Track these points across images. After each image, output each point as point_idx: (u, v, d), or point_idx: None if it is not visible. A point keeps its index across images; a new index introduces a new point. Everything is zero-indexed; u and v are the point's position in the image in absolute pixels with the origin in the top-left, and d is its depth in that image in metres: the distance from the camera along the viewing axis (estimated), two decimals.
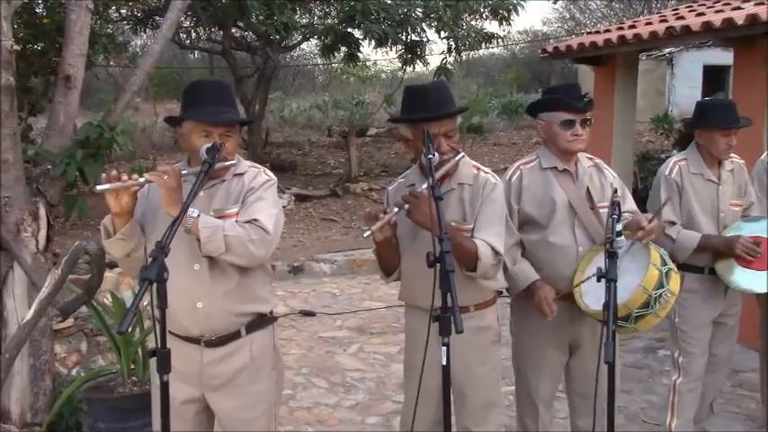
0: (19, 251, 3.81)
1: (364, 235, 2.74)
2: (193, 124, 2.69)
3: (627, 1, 28.19)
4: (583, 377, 3.31)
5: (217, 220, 2.60)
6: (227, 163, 2.70)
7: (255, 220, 2.63)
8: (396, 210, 2.75)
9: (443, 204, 2.58)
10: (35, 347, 3.93)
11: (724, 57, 21.51)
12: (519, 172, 3.33)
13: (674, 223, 3.76)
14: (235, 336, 2.75)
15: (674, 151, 8.89)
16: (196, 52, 20.54)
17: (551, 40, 30.58)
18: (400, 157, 16.56)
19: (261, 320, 2.82)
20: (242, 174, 2.79)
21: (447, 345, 2.51)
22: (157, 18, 13.02)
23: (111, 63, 14.77)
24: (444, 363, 2.50)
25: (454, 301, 2.35)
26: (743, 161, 3.93)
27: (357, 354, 6.02)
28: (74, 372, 4.75)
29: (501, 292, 3.21)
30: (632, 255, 3.09)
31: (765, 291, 3.65)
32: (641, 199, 3.82)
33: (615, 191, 2.96)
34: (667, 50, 19.19)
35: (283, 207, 11.78)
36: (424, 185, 2.74)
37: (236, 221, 2.64)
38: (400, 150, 17.13)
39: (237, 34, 15.21)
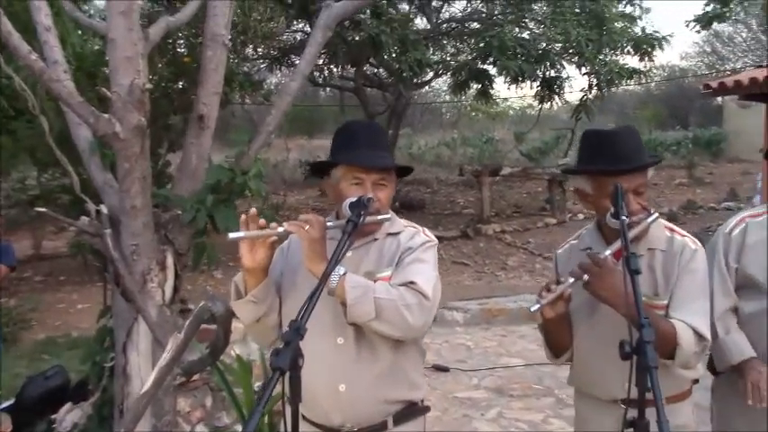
0: (144, 303, 3.56)
1: (532, 310, 2.27)
2: (344, 170, 2.31)
3: None
4: None
5: (367, 281, 2.19)
6: (379, 217, 2.29)
7: (412, 282, 2.20)
8: (571, 281, 2.25)
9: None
10: (157, 407, 3.67)
11: None
12: (744, 225, 2.74)
13: None
14: (380, 428, 2.32)
15: None
16: (327, 89, 20.77)
17: (690, 76, 29.19)
18: (532, 197, 15.98)
19: (411, 410, 2.39)
20: (397, 233, 2.38)
21: None
22: (293, 57, 13.12)
23: (247, 101, 15.08)
24: None
25: (660, 409, 1.82)
26: None
27: (497, 420, 5.46)
28: (198, 428, 4.49)
29: (697, 381, 2.63)
30: None
31: None
32: None
33: None
34: None
35: None
36: (608, 251, 2.25)
37: (390, 284, 2.22)
38: (532, 191, 16.52)
39: (369, 71, 15.16)
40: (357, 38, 12.00)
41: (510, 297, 8.96)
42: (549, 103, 13.49)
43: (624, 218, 2.15)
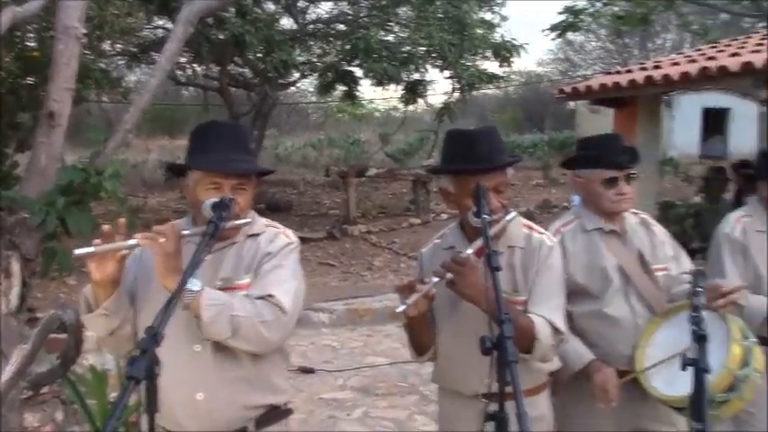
0: None
1: (398, 310, 2.27)
2: (201, 174, 2.21)
3: (623, 42, 28.17)
4: None
5: (223, 296, 2.11)
6: (238, 222, 2.22)
7: (270, 296, 2.15)
8: (435, 280, 2.27)
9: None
10: (2, 424, 3.41)
11: (724, 100, 21.49)
12: (560, 236, 2.87)
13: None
14: None
15: (696, 198, 8.50)
16: (190, 88, 20.19)
17: (546, 82, 30.59)
18: (398, 198, 16.19)
19: (273, 414, 2.33)
20: (257, 235, 2.32)
21: None
22: (153, 53, 12.65)
23: (105, 99, 14.40)
24: None
25: (520, 402, 1.88)
26: None
27: (363, 420, 5.47)
28: None
29: (552, 374, 2.73)
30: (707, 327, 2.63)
31: None
32: None
33: (698, 251, 2.51)
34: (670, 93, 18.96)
35: None
36: (469, 249, 2.29)
37: (247, 296, 2.16)
38: (397, 192, 16.75)
39: (234, 71, 14.87)
40: (221, 36, 11.72)
41: (376, 297, 9.02)
42: (414, 105, 13.74)
43: (485, 216, 2.19)
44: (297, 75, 14.13)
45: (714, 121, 22.21)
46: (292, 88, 20.62)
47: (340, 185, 14.67)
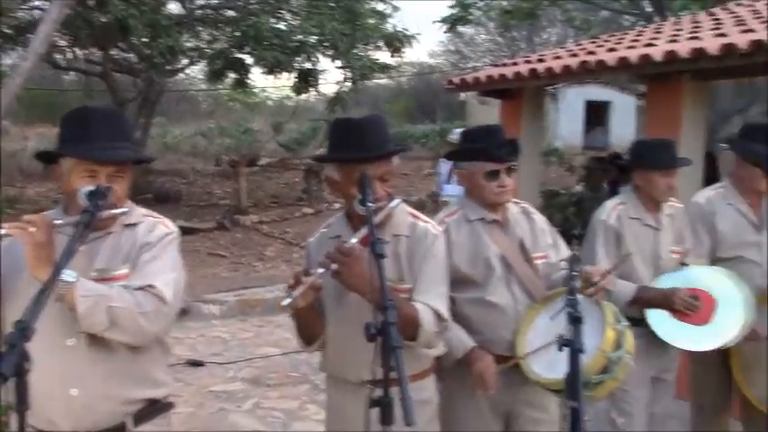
0: None
1: (283, 303, 2.24)
2: (74, 162, 2.11)
3: (510, 37, 28.95)
4: None
5: (99, 287, 2.03)
6: (115, 211, 2.13)
7: (150, 286, 2.08)
8: (320, 271, 2.26)
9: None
10: None
11: (604, 93, 22.49)
12: (444, 226, 2.92)
13: (609, 272, 3.47)
14: (119, 430, 2.18)
15: (578, 187, 8.85)
16: (72, 73, 19.30)
17: (438, 73, 31.05)
18: (290, 187, 16.07)
19: (153, 408, 2.26)
20: (135, 225, 2.23)
21: None
22: (30, 36, 12.02)
23: None
24: None
25: (404, 385, 1.90)
26: (682, 205, 3.71)
27: (254, 411, 5.41)
28: None
29: (439, 359, 2.79)
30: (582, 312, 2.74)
31: (708, 348, 3.41)
32: None
33: (580, 237, 2.62)
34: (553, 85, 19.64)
35: None
36: (354, 238, 2.29)
37: (126, 286, 2.09)
38: (290, 181, 16.63)
39: (118, 56, 14.31)
40: (103, 20, 11.26)
41: (267, 287, 8.94)
42: (306, 94, 13.65)
43: (370, 204, 2.19)
44: (185, 61, 13.76)
45: (596, 114, 23.18)
46: (181, 75, 20.08)
47: (231, 175, 14.43)
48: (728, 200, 3.77)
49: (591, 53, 6.32)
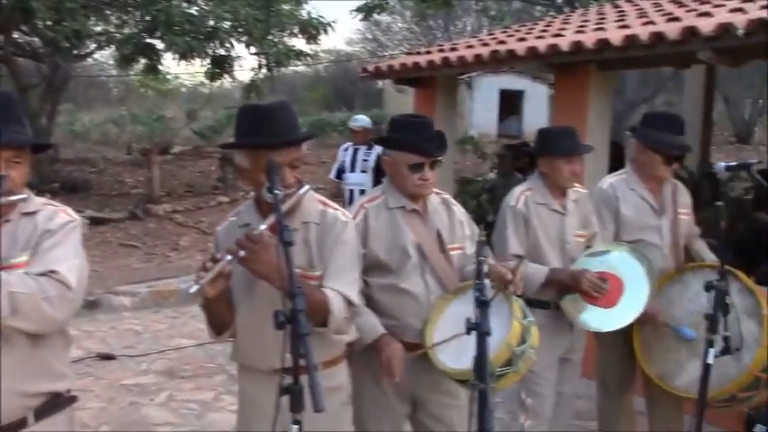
0: None
1: (191, 291, 2.22)
2: None
3: (427, 25, 29.16)
4: None
5: None
6: (13, 198, 2.06)
7: (53, 271, 2.01)
8: (228, 258, 2.23)
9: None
10: None
11: (518, 82, 22.96)
12: (363, 211, 2.96)
13: (520, 256, 3.56)
14: (19, 425, 2.10)
15: (491, 175, 9.02)
16: None
17: (355, 60, 31.04)
18: (205, 176, 15.80)
19: (55, 402, 2.19)
20: (33, 213, 2.15)
21: (299, 423, 2.07)
22: None
23: None
24: None
25: (312, 372, 1.91)
26: (586, 191, 3.83)
27: (167, 403, 5.31)
28: None
29: (352, 343, 2.81)
30: (492, 306, 2.79)
31: (614, 329, 3.54)
32: None
33: (483, 228, 2.66)
34: (467, 74, 19.92)
35: None
36: (263, 225, 2.26)
37: (27, 273, 2.01)
38: (205, 170, 16.35)
39: (21, 39, 13.71)
40: (4, 1, 10.75)
41: (181, 278, 8.76)
42: (221, 81, 13.41)
43: (277, 192, 2.17)
44: (93, 46, 13.29)
45: (510, 103, 23.64)
46: (90, 60, 19.40)
47: (143, 163, 14.06)
48: (631, 185, 3.91)
49: (501, 42, 6.43)
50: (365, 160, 7.54)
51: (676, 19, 5.14)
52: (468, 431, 2.39)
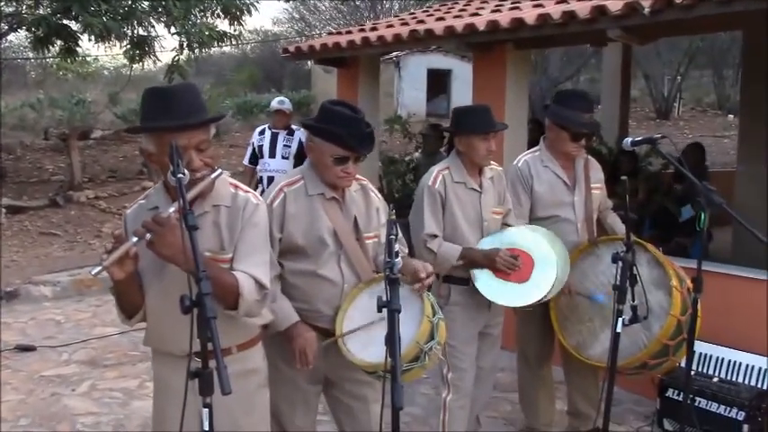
0: None
1: (93, 272, 2.18)
2: None
3: (354, 4, 28.97)
4: (349, 418, 3.12)
5: None
6: None
7: None
8: (135, 240, 2.20)
9: (197, 232, 2.12)
10: None
11: (446, 62, 23.05)
12: (282, 195, 2.95)
13: (435, 236, 3.62)
14: None
15: (417, 154, 9.07)
16: None
17: (282, 40, 30.67)
18: (129, 161, 15.42)
19: None
20: None
21: (209, 406, 2.08)
22: None
23: None
24: (207, 428, 2.07)
25: (218, 355, 1.93)
26: (501, 168, 3.91)
27: (89, 393, 5.22)
28: None
29: (267, 326, 2.81)
30: (402, 300, 2.81)
31: (525, 305, 3.64)
32: (389, 204, 3.62)
33: (391, 208, 2.68)
34: (395, 54, 19.93)
35: None
36: (171, 209, 2.23)
37: None
38: (129, 154, 15.96)
39: None
40: None
41: None
42: (143, 63, 13.03)
43: (181, 175, 2.14)
44: (4, 27, 12.75)
45: (438, 82, 23.75)
46: (5, 42, 18.62)
47: (63, 149, 13.64)
48: (544, 162, 4.01)
49: (421, 22, 6.47)
50: (287, 146, 7.18)
51: None
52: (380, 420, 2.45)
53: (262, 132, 7.48)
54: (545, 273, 3.58)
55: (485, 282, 3.65)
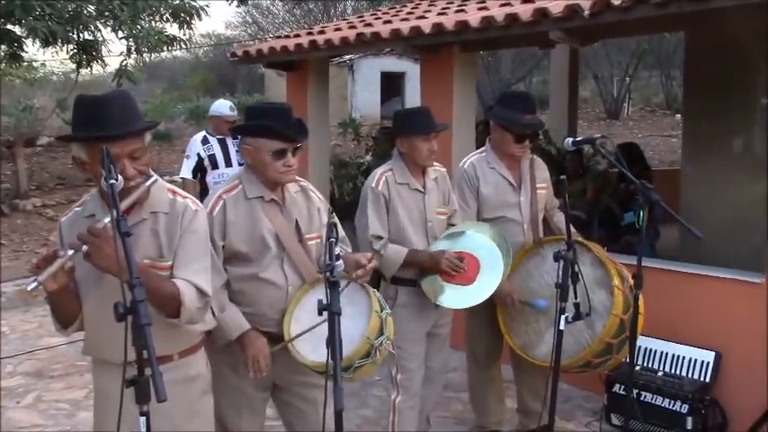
0: None
1: (29, 288, 2.14)
2: None
3: (307, 8, 28.90)
4: (300, 421, 3.12)
5: None
6: None
7: None
8: (70, 253, 2.17)
9: (134, 239, 2.10)
10: None
11: (399, 64, 23.12)
12: (221, 203, 2.93)
13: (381, 237, 3.63)
14: None
15: (368, 157, 9.08)
16: None
17: (235, 44, 30.43)
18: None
19: None
20: None
21: (146, 414, 2.06)
22: None
23: None
24: None
25: (152, 362, 1.92)
26: (445, 169, 3.93)
27: (35, 405, 5.11)
28: None
29: (209, 332, 2.78)
30: (348, 297, 2.81)
31: (469, 306, 3.67)
32: (339, 208, 3.64)
33: (331, 211, 2.69)
34: (348, 57, 19.94)
35: None
36: (106, 219, 2.20)
37: None
38: (72, 162, 15.64)
39: None
40: None
41: None
42: (89, 67, 12.77)
43: (113, 181, 2.10)
44: None
45: (392, 84, 23.81)
46: None
47: (8, 157, 13.34)
48: (491, 164, 4.05)
49: (368, 25, 6.48)
50: (239, 151, 6.72)
51: (530, 1, 5.32)
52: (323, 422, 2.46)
53: (205, 141, 6.62)
54: (490, 275, 3.61)
55: (428, 283, 3.68)
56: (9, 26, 11.11)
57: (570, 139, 3.57)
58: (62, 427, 4.74)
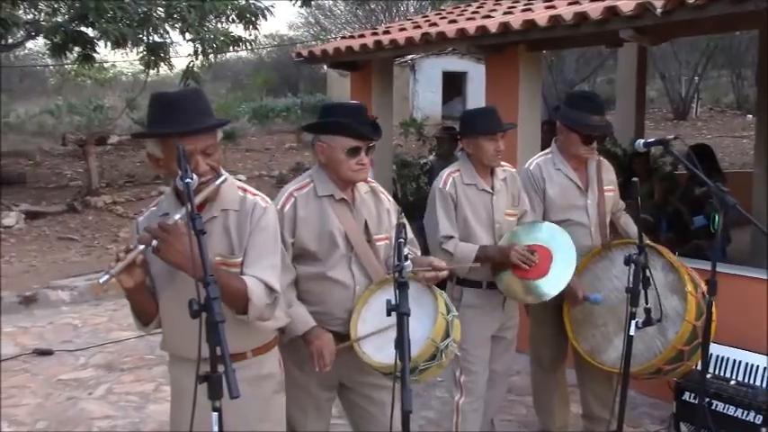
0: None
1: (100, 281, 2.19)
2: None
3: (369, 8, 29.00)
4: (366, 422, 3.11)
5: None
6: None
7: None
8: (141, 247, 2.22)
9: (206, 236, 2.13)
10: None
11: (461, 64, 23.02)
12: (293, 200, 2.95)
13: (451, 237, 3.61)
14: None
15: (431, 157, 9.05)
16: None
17: (298, 45, 30.73)
18: (146, 166, 15.50)
19: None
20: None
21: (219, 410, 2.08)
22: None
23: None
24: (216, 430, 2.07)
25: (226, 359, 1.93)
26: (515, 169, 3.89)
27: (106, 397, 5.26)
28: None
29: (283, 330, 2.82)
30: (414, 298, 2.79)
31: (547, 298, 3.61)
32: (402, 207, 3.64)
33: (400, 212, 2.68)
34: (410, 57, 19.92)
35: (9, 227, 10.42)
36: (178, 215, 2.24)
37: None
38: (146, 159, 16.05)
39: None
40: None
41: None
42: (157, 69, 13.08)
43: (189, 180, 2.14)
44: (23, 35, 12.88)
45: (453, 84, 23.72)
46: (24, 50, 18.81)
47: (81, 155, 13.76)
48: (557, 165, 3.98)
49: (433, 25, 6.47)
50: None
51: None
52: (390, 422, 2.45)
53: None
54: (565, 267, 3.55)
55: (505, 282, 3.64)
56: (82, 28, 11.45)
57: (641, 141, 3.48)
58: (131, 418, 4.86)
